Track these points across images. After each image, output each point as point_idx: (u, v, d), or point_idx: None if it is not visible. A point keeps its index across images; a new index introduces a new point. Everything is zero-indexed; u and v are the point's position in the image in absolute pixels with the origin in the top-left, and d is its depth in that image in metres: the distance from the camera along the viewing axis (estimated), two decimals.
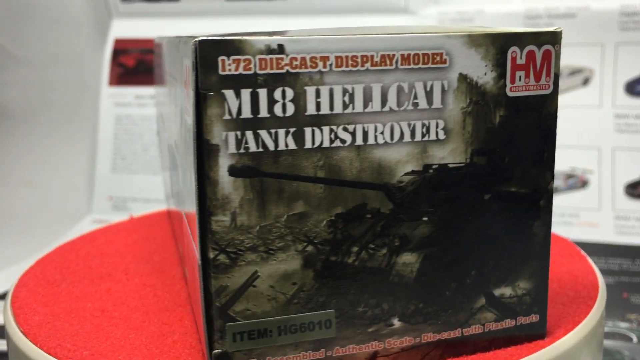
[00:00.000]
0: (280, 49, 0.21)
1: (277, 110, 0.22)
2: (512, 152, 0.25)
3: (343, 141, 0.22)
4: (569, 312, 0.29)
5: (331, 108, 0.22)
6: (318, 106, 0.22)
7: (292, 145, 0.22)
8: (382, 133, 0.23)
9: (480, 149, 0.24)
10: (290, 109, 0.22)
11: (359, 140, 0.23)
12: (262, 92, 0.21)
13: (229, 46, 0.21)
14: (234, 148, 0.21)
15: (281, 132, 0.22)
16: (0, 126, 0.62)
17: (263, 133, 0.22)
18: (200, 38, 0.21)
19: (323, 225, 0.23)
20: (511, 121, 0.24)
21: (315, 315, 0.23)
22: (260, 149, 0.22)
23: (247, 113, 0.21)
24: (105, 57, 0.70)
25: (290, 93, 0.22)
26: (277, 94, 0.21)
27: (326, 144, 0.22)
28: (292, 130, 0.22)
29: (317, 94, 0.22)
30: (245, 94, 0.21)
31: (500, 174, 0.25)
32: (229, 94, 0.21)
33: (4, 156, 0.62)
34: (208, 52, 0.21)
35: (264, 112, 0.21)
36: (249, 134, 0.21)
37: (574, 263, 0.34)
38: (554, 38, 0.24)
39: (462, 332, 0.25)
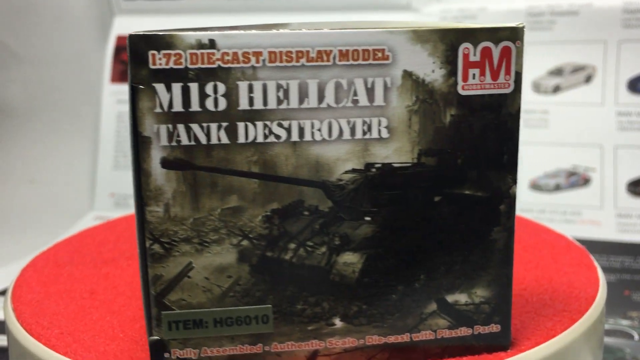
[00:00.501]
0: (212, 43, 0.21)
1: (209, 104, 0.22)
2: (465, 154, 0.23)
3: (278, 137, 0.22)
4: (546, 325, 0.27)
5: (265, 103, 0.22)
6: (251, 101, 0.22)
7: (224, 140, 0.22)
8: (319, 130, 0.22)
9: (429, 149, 0.23)
10: (223, 104, 0.22)
11: (295, 137, 0.22)
12: (194, 87, 0.22)
13: (160, 41, 0.21)
14: (165, 141, 0.22)
15: (213, 126, 0.22)
16: (3, 124, 0.65)
17: (195, 127, 0.22)
18: (132, 33, 0.21)
19: (258, 220, 0.23)
20: (464, 121, 0.23)
21: (252, 309, 0.23)
22: (193, 143, 0.22)
23: (178, 107, 0.22)
24: (107, 54, 0.72)
25: (222, 88, 0.22)
26: (209, 88, 0.22)
27: (260, 139, 0.22)
28: (224, 124, 0.22)
29: (250, 89, 0.22)
30: (177, 87, 0.22)
31: (452, 175, 0.24)
32: (160, 87, 0.21)
33: (7, 154, 0.64)
34: (139, 46, 0.21)
35: (195, 106, 0.22)
36: (181, 127, 0.22)
37: (578, 274, 0.32)
38: (514, 34, 0.23)
39: (411, 337, 0.25)
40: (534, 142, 0.62)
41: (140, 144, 0.22)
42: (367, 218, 0.23)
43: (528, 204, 0.62)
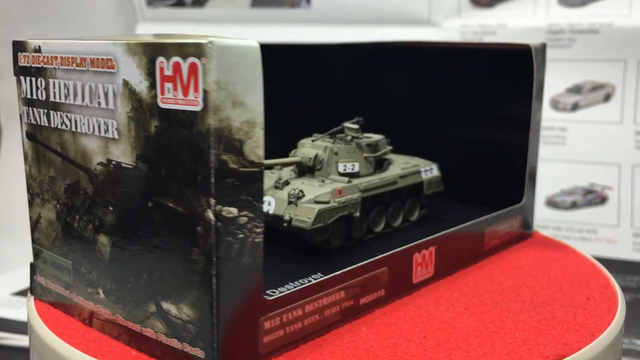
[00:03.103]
0: (39, 49, 0.28)
1: (39, 95, 0.29)
2: (167, 166, 0.24)
3: (67, 126, 0.28)
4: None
5: (60, 98, 0.28)
6: (54, 95, 0.28)
7: (45, 123, 0.29)
8: (84, 124, 0.27)
9: (142, 155, 0.24)
10: (44, 95, 0.28)
11: (74, 127, 0.27)
12: (33, 80, 0.29)
13: (21, 45, 0.29)
14: (26, 119, 0.30)
15: (41, 111, 0.29)
16: None
17: (35, 110, 0.29)
18: (14, 39, 0.30)
19: (62, 190, 0.29)
20: (165, 134, 0.24)
21: (62, 260, 0.29)
22: (35, 122, 0.29)
23: (28, 95, 0.29)
24: None
25: (43, 83, 0.28)
26: (39, 82, 0.29)
27: (60, 126, 0.28)
28: (44, 111, 0.29)
29: (54, 85, 0.28)
30: (27, 80, 0.29)
31: (159, 185, 0.24)
32: (22, 79, 0.30)
33: None
34: (15, 48, 0.30)
35: (34, 95, 0.29)
36: (30, 110, 0.29)
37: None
38: (199, 50, 0.22)
39: (141, 329, 0.26)
40: (551, 159, 0.61)
41: (20, 120, 0.30)
42: (111, 208, 0.26)
43: (544, 220, 0.61)
